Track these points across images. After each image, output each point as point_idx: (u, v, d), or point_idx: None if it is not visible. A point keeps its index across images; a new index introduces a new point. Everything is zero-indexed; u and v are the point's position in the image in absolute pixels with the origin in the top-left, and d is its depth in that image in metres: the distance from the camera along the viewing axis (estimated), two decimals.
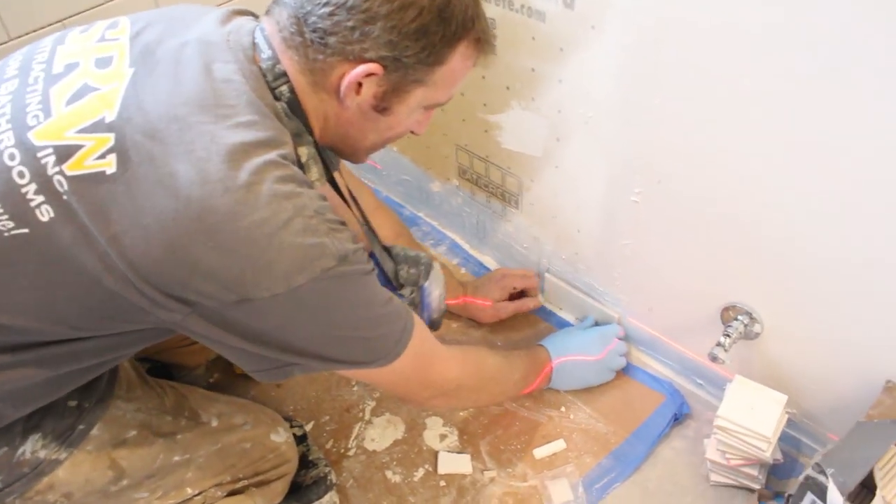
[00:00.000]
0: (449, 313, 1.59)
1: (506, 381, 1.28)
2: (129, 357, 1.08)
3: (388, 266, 1.18)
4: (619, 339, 1.46)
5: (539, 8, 1.17)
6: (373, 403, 1.45)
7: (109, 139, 0.80)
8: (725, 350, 1.21)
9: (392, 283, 1.18)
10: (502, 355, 1.28)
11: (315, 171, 0.95)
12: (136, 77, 0.84)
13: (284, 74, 0.89)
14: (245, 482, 1.15)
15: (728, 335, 1.22)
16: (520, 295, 1.60)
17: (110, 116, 0.81)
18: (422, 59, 0.88)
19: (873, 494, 1.05)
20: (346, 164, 1.31)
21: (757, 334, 1.24)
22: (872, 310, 1.07)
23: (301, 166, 0.92)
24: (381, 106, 0.92)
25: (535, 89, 1.29)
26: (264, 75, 0.88)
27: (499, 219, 1.62)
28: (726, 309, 1.26)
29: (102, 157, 0.79)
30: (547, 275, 1.59)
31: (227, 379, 1.50)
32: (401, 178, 1.81)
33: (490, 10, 1.23)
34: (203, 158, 0.78)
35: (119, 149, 0.79)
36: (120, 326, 0.88)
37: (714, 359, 1.21)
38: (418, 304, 1.21)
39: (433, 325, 1.25)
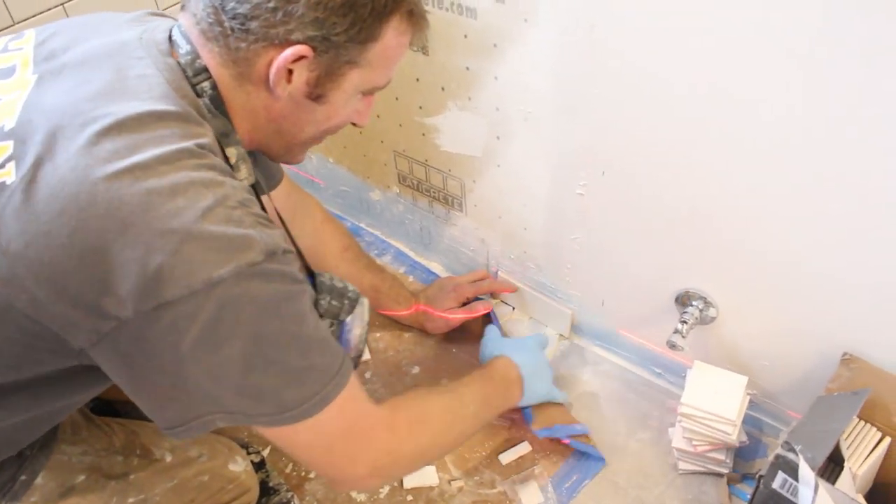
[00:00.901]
0: (400, 324, 1.56)
1: (456, 422, 1.10)
2: (65, 415, 1.01)
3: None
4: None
5: (470, 5, 1.15)
6: None
7: (8, 147, 0.74)
8: (683, 336, 1.20)
9: None
10: (447, 391, 1.14)
11: (245, 173, 0.87)
12: (39, 82, 0.79)
13: (205, 70, 0.83)
14: None
15: (684, 322, 1.21)
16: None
17: (10, 124, 0.76)
18: (352, 35, 0.82)
19: (841, 467, 1.06)
20: (289, 176, 1.28)
21: (713, 318, 1.24)
22: (825, 285, 1.07)
23: (230, 167, 0.85)
24: (316, 93, 0.86)
25: (471, 88, 1.27)
26: (183, 70, 0.82)
27: (443, 223, 1.59)
28: (680, 296, 1.26)
29: (1, 166, 0.73)
30: (499, 274, 1.57)
31: None
32: (339, 189, 1.77)
33: None
34: (109, 150, 0.72)
35: (17, 155, 0.73)
36: (40, 365, 0.80)
37: (672, 346, 1.20)
38: (336, 340, 1.14)
39: None
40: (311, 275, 1.09)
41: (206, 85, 0.82)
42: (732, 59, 0.94)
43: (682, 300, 1.26)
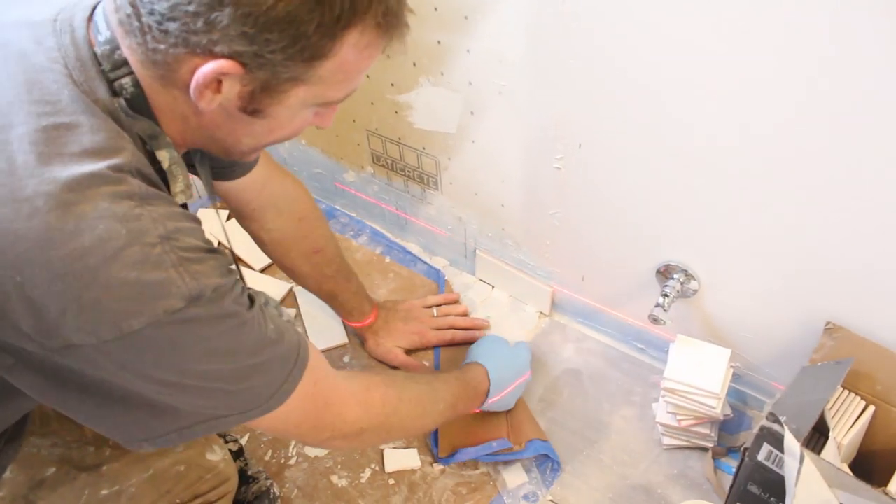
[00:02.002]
0: None
1: (425, 415, 1.10)
2: (31, 407, 0.97)
3: None
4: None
5: None
6: None
7: None
8: (665, 310, 1.19)
9: None
10: (425, 382, 1.13)
11: (181, 181, 0.78)
12: None
13: (126, 63, 0.71)
14: None
15: (666, 295, 1.20)
16: None
17: None
18: (292, 54, 0.68)
19: (826, 437, 1.05)
20: (275, 164, 1.24)
21: (694, 291, 1.22)
22: (806, 254, 1.06)
23: (163, 173, 0.77)
24: (252, 108, 0.73)
25: (443, 63, 1.24)
26: (99, 63, 0.71)
27: (419, 202, 1.57)
28: (661, 269, 1.24)
29: None
30: (477, 253, 1.55)
31: None
32: (312, 171, 1.74)
33: None
34: (5, 171, 0.64)
35: None
36: None
37: (655, 320, 1.18)
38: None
39: None
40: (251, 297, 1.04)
41: (126, 82, 0.71)
42: (709, 27, 0.92)
43: (663, 274, 1.24)
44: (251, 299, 0.77)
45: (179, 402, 0.74)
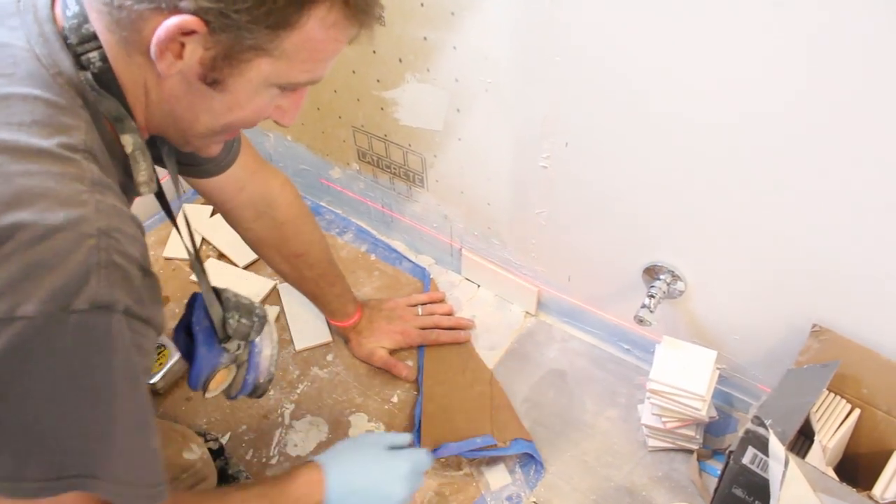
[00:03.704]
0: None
1: None
2: None
3: (216, 312, 0.98)
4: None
5: None
6: (291, 406, 1.36)
7: None
8: (651, 311, 1.18)
9: (217, 334, 0.99)
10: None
11: (144, 169, 0.75)
12: None
13: (95, 37, 0.68)
14: None
15: (652, 295, 1.19)
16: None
17: None
18: (257, 17, 0.66)
19: (811, 441, 1.04)
20: (262, 161, 1.21)
21: (681, 292, 1.21)
22: (794, 256, 1.05)
23: (125, 159, 0.74)
24: (212, 77, 0.70)
25: (430, 59, 1.22)
26: (65, 38, 0.68)
27: (405, 200, 1.55)
28: (648, 270, 1.23)
29: None
30: (463, 252, 1.53)
31: None
32: (298, 168, 1.72)
33: None
34: None
35: None
36: None
37: (640, 321, 1.17)
38: (244, 363, 1.05)
39: (257, 390, 1.08)
40: (215, 291, 1.00)
41: (94, 56, 0.69)
42: (696, 25, 0.91)
43: (650, 274, 1.23)
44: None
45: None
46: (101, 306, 0.62)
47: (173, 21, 0.64)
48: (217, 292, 1.00)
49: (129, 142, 0.73)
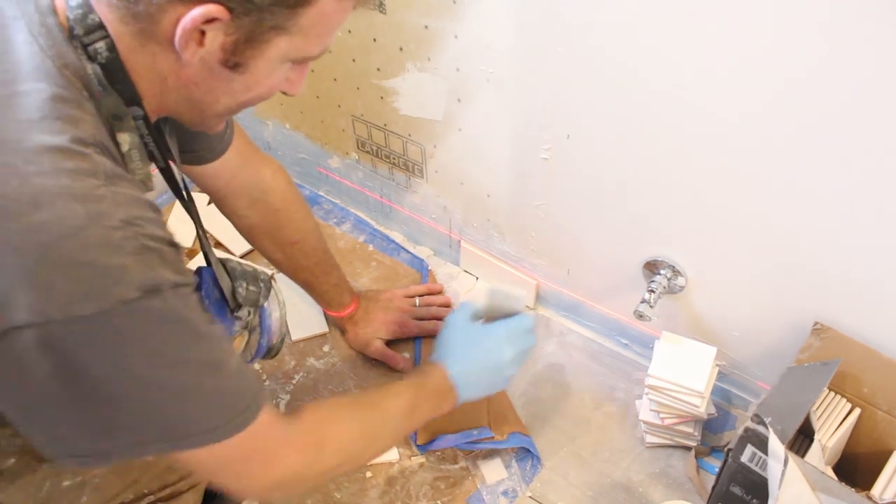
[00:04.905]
0: None
1: (375, 441, 1.00)
2: None
3: (225, 283, 1.00)
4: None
5: None
6: (287, 397, 1.35)
7: None
8: (651, 306, 1.17)
9: (227, 303, 1.01)
10: (371, 406, 1.00)
11: (140, 168, 0.76)
12: None
13: (101, 27, 0.68)
14: (152, 497, 1.05)
15: (652, 291, 1.18)
16: None
17: None
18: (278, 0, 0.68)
19: (811, 440, 1.04)
20: (254, 147, 1.21)
21: (681, 288, 1.20)
22: (796, 253, 1.04)
23: (121, 157, 0.74)
24: (233, 61, 0.71)
25: (431, 48, 1.21)
26: (70, 29, 0.68)
27: (404, 190, 1.54)
28: (648, 264, 1.22)
29: None
30: (462, 244, 1.52)
31: None
32: (297, 156, 1.71)
33: None
34: None
35: None
36: None
37: (640, 317, 1.16)
38: (256, 328, 1.08)
39: (271, 351, 1.11)
40: (221, 262, 1.01)
41: (100, 46, 0.69)
42: (701, 16, 0.90)
43: (650, 269, 1.22)
44: (238, 317, 0.79)
45: (110, 414, 0.69)
46: (150, 290, 0.64)
47: (198, 11, 0.65)
48: (223, 263, 1.01)
49: (125, 140, 0.74)
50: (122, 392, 0.67)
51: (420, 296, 1.50)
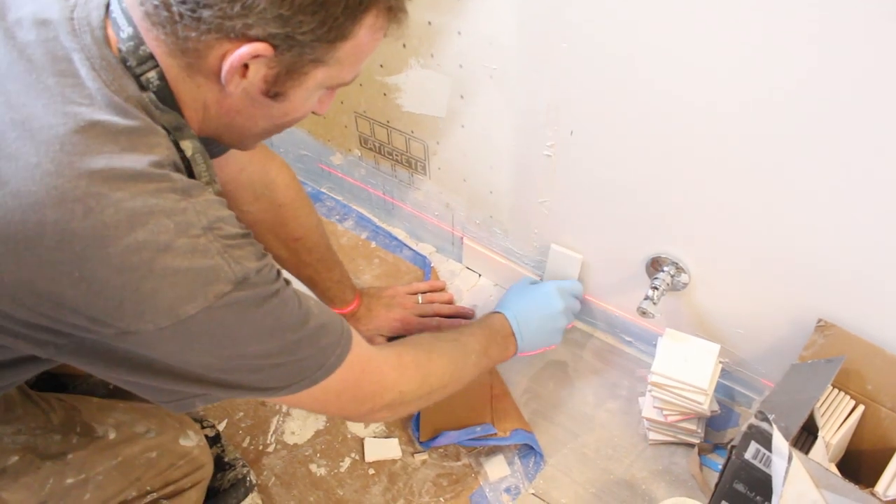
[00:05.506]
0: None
1: (459, 370, 1.11)
2: (8, 389, 0.95)
3: None
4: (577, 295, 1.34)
5: None
6: None
7: None
8: (654, 303, 1.16)
9: None
10: (451, 339, 1.14)
11: (203, 167, 0.82)
12: None
13: (151, 57, 0.73)
14: (155, 495, 1.06)
15: (655, 287, 1.18)
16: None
17: None
18: (320, 35, 0.72)
19: (815, 437, 1.03)
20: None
21: (685, 284, 1.20)
22: (800, 249, 1.04)
23: (187, 162, 0.80)
24: (274, 91, 0.77)
25: (434, 44, 1.21)
26: (124, 60, 0.73)
27: (407, 187, 1.54)
28: (651, 261, 1.22)
29: None
30: (464, 241, 1.52)
31: None
32: (299, 153, 1.71)
33: None
34: (52, 173, 0.66)
35: None
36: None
37: (643, 313, 1.16)
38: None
39: None
40: None
41: (152, 75, 0.74)
42: (706, 13, 0.89)
43: (653, 266, 1.22)
44: (287, 280, 0.83)
45: (229, 378, 0.80)
46: (240, 281, 0.73)
47: (245, 50, 0.70)
48: None
49: (188, 146, 0.79)
50: (235, 365, 0.78)
51: (423, 293, 1.50)
